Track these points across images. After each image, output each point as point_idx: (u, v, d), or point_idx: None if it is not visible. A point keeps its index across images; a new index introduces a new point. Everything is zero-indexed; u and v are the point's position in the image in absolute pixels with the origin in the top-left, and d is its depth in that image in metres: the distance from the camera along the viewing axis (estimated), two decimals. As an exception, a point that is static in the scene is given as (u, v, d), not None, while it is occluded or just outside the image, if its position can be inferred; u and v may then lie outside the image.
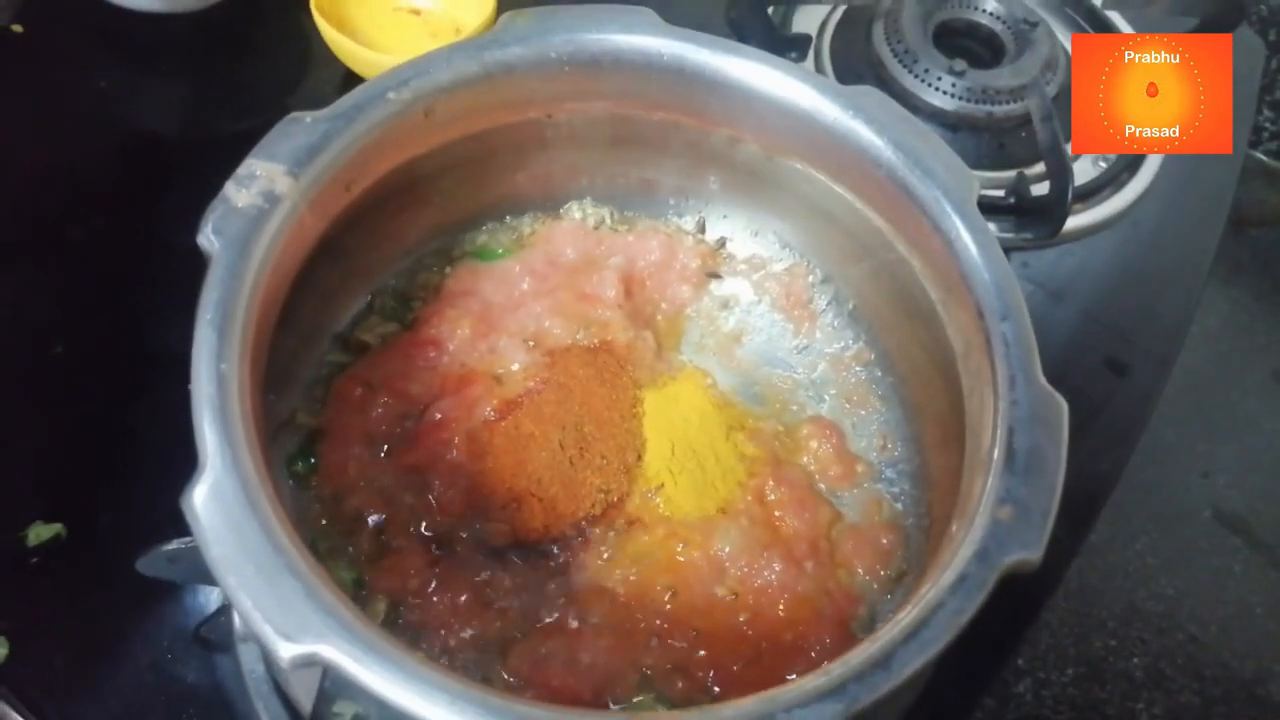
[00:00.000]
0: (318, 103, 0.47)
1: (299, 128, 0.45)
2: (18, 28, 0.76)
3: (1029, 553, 0.38)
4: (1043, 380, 0.43)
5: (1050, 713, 0.87)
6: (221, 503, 0.35)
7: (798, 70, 0.52)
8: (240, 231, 0.41)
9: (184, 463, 0.37)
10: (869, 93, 0.52)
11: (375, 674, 0.33)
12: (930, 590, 0.38)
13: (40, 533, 0.55)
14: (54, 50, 0.78)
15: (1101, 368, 0.76)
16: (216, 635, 0.53)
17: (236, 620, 0.53)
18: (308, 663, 0.33)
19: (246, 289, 0.41)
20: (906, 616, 0.36)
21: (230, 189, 0.42)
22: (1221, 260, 0.96)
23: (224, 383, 0.38)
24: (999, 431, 0.42)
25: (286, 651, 0.33)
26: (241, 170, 0.43)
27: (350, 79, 0.74)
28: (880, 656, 0.35)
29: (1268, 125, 1.12)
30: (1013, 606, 0.40)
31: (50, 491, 0.57)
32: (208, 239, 0.41)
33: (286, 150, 0.44)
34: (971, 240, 0.47)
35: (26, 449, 0.59)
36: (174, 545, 0.47)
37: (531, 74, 0.51)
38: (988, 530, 0.39)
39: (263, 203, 0.42)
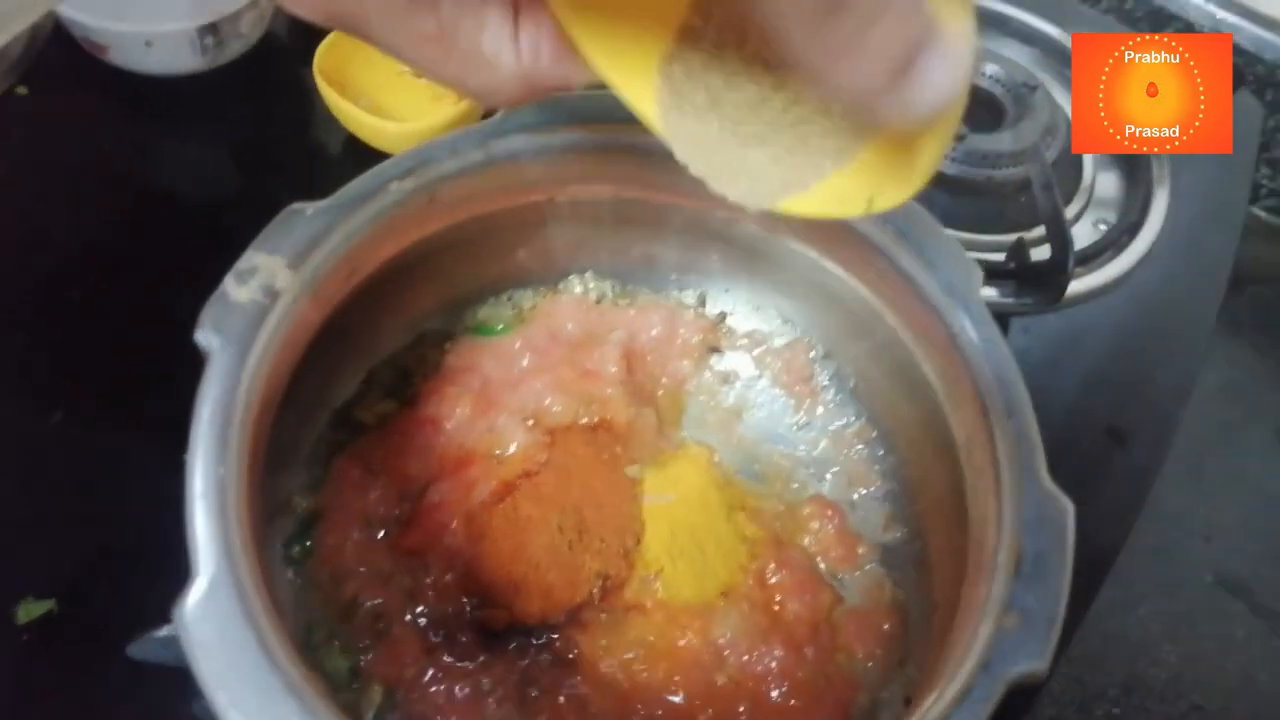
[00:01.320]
0: (324, 166, 0.47)
1: (300, 219, 0.45)
2: (23, 89, 0.77)
3: (1035, 663, 0.38)
4: (1047, 480, 0.43)
5: (1052, 782, 0.85)
6: (215, 616, 0.35)
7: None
8: (239, 330, 0.41)
9: (180, 542, 0.36)
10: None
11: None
12: (935, 703, 0.37)
13: (31, 610, 0.54)
14: (58, 111, 0.78)
15: (1102, 436, 0.75)
16: (210, 717, 0.53)
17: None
18: (301, 789, 0.32)
19: (244, 387, 0.40)
20: (911, 734, 0.36)
21: (229, 284, 0.42)
22: (1220, 317, 0.96)
23: (220, 487, 0.37)
24: (1004, 535, 0.41)
25: (279, 777, 0.32)
26: (241, 264, 0.43)
27: (355, 140, 0.74)
28: (885, 778, 0.34)
29: (1265, 182, 1.13)
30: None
31: (43, 566, 0.56)
32: (206, 337, 0.40)
33: (287, 243, 0.44)
34: (976, 334, 0.47)
35: (19, 520, 0.58)
36: (165, 631, 0.46)
37: (536, 161, 0.51)
38: (992, 640, 0.38)
39: (262, 297, 0.42)
